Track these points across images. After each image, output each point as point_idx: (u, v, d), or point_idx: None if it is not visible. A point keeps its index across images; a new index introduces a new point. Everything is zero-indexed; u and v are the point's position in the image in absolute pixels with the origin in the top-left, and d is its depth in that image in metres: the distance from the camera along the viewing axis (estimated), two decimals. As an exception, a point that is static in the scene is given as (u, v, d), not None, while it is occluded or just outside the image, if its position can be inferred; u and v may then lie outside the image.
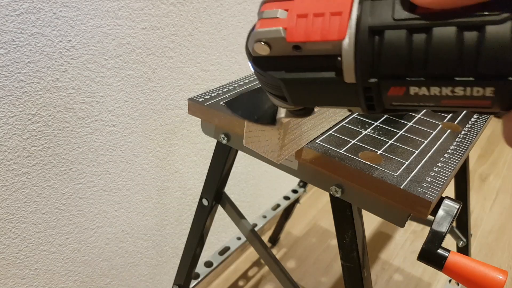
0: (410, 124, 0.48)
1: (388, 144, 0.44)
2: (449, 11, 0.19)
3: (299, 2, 0.24)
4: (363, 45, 0.22)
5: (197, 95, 0.50)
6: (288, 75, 0.25)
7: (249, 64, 0.27)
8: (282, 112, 0.33)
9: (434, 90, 0.21)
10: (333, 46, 0.23)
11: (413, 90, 0.22)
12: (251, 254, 1.17)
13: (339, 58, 0.23)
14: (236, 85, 0.54)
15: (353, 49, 0.22)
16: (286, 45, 0.24)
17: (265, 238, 1.22)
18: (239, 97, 0.42)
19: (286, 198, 1.07)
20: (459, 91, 0.21)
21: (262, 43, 0.25)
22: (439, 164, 0.40)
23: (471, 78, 0.20)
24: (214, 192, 0.59)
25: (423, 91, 0.21)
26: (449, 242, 0.78)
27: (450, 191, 0.59)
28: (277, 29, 0.24)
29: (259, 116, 0.35)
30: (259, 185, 1.10)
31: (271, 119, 0.34)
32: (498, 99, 0.20)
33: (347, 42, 0.22)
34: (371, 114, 0.41)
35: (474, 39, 0.19)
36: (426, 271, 1.14)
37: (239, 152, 0.55)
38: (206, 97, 0.50)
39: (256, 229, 0.96)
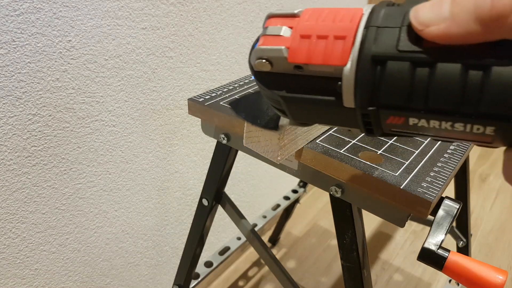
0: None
1: (388, 144, 0.44)
2: (455, 47, 0.19)
3: (304, 20, 0.24)
4: (364, 73, 0.21)
5: (197, 95, 0.50)
6: (289, 94, 0.25)
7: (252, 76, 0.27)
8: (285, 120, 0.33)
9: (434, 124, 0.21)
10: (335, 70, 0.22)
11: (412, 121, 0.22)
12: (251, 254, 1.17)
13: (339, 83, 0.23)
14: (236, 85, 0.54)
15: (354, 76, 0.22)
16: (288, 64, 0.24)
17: (265, 238, 1.22)
18: (244, 98, 0.42)
19: (286, 198, 1.07)
20: (459, 126, 0.20)
21: (264, 60, 0.25)
22: (439, 164, 0.40)
23: (472, 116, 0.20)
24: (214, 192, 0.59)
25: (422, 123, 0.21)
26: (449, 242, 0.78)
27: (450, 191, 0.59)
28: (279, 48, 0.24)
29: (262, 121, 0.35)
30: (259, 185, 1.10)
31: (274, 125, 0.34)
32: (499, 137, 0.20)
33: (349, 68, 0.22)
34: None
35: (478, 78, 0.19)
36: (426, 271, 1.14)
37: (239, 152, 0.55)
38: (206, 97, 0.50)
39: (256, 229, 0.96)
